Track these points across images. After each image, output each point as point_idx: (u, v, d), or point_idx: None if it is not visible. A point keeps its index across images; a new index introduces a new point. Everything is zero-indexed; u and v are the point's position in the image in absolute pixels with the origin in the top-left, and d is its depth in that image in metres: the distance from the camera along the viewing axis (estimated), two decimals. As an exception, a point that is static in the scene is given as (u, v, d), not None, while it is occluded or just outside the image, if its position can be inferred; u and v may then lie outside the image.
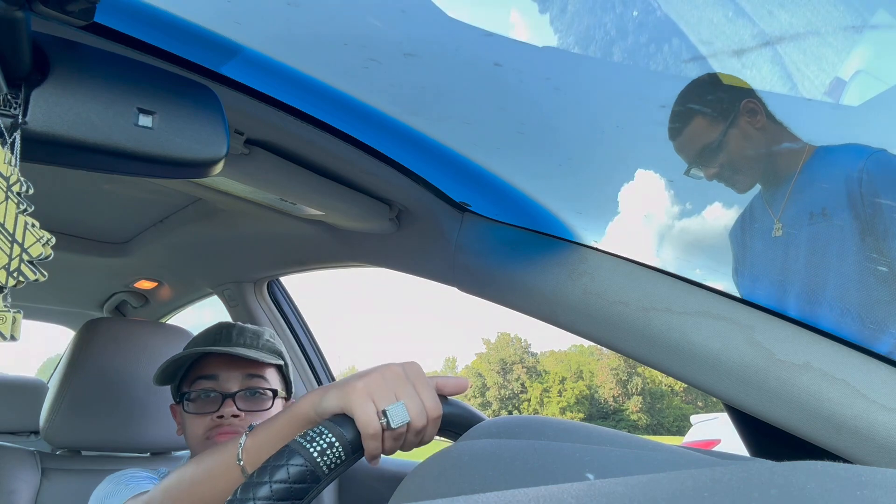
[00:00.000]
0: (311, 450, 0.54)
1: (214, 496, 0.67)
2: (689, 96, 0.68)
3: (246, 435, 0.67)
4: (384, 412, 0.59)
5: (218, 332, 1.10)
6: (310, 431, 0.56)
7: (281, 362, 1.12)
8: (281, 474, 0.52)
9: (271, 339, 1.15)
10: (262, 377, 1.08)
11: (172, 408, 1.14)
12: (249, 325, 1.14)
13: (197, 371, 1.07)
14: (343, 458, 0.56)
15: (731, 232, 0.82)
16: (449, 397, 0.68)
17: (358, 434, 0.59)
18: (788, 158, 0.75)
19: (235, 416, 1.02)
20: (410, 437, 0.63)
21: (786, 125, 0.72)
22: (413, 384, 0.63)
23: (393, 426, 0.59)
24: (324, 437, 0.56)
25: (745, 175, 0.80)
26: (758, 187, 0.80)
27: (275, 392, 1.09)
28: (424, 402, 0.63)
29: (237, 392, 1.04)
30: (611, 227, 0.87)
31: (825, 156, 0.73)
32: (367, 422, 0.58)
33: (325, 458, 0.55)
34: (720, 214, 0.78)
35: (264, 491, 0.51)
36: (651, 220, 0.85)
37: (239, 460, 0.65)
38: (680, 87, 0.68)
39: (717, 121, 0.72)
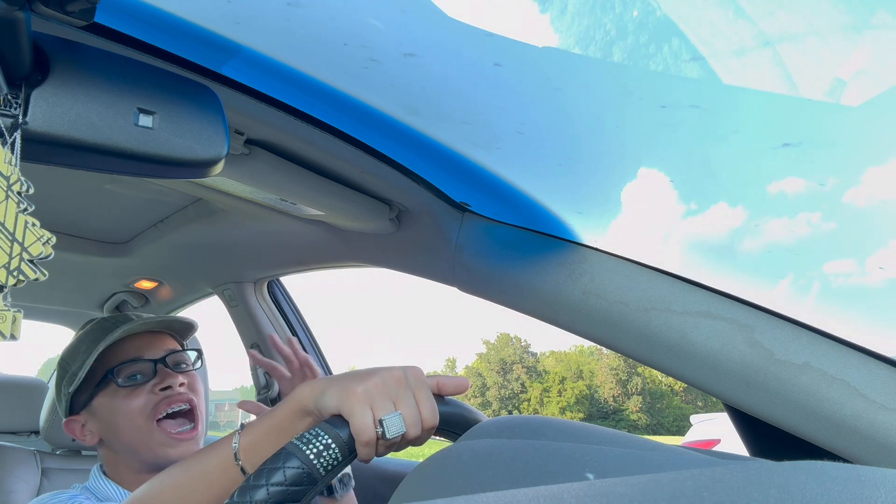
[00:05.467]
0: (308, 452, 0.54)
1: (210, 501, 0.64)
2: None
3: (238, 434, 0.65)
4: (381, 421, 0.59)
5: (115, 322, 1.06)
6: (306, 434, 0.56)
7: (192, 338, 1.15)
8: (277, 477, 0.52)
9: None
10: (179, 349, 1.09)
11: (69, 423, 1.05)
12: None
13: (110, 364, 1.02)
14: (339, 459, 0.56)
15: None
16: (448, 397, 0.68)
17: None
18: None
19: (182, 384, 1.01)
20: (403, 444, 0.63)
21: None
22: (413, 391, 0.63)
23: (388, 437, 0.59)
24: (320, 438, 0.56)
25: None
26: None
27: (199, 352, 1.10)
28: (422, 411, 0.62)
29: (166, 356, 1.03)
30: (611, 227, 0.87)
31: None
32: (363, 429, 0.58)
33: (322, 460, 0.55)
34: (722, 214, 0.78)
35: (261, 494, 0.51)
36: (651, 220, 0.85)
37: (237, 461, 0.64)
38: (680, 87, 0.67)
39: None
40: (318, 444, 0.55)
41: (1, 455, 1.34)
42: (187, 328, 1.13)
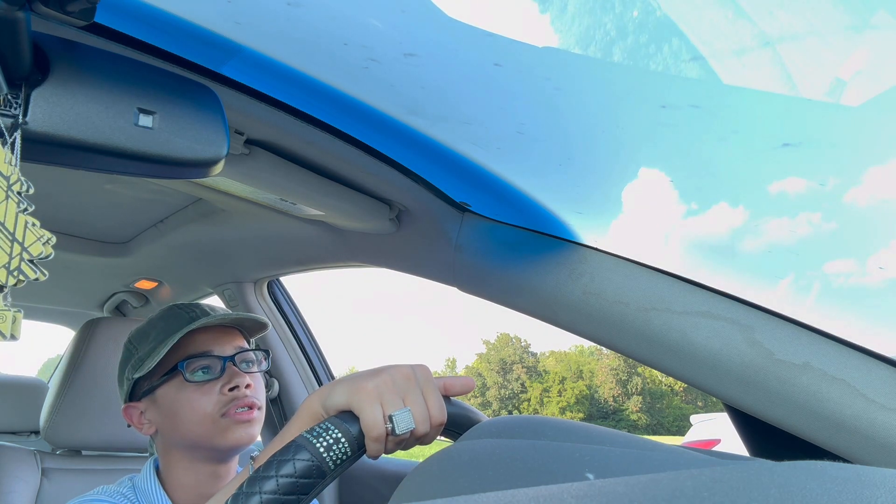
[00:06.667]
0: (318, 445, 0.54)
1: None
2: None
3: (251, 467, 0.65)
4: (390, 417, 0.59)
5: (190, 313, 1.04)
6: (316, 427, 0.56)
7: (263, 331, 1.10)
8: (287, 469, 0.52)
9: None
10: (248, 348, 1.07)
11: (128, 409, 1.04)
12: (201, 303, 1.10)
13: (179, 355, 0.99)
14: (349, 454, 0.56)
15: None
16: (450, 397, 0.69)
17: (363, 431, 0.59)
18: None
19: (248, 385, 0.99)
20: (412, 442, 0.63)
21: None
22: (422, 389, 0.63)
23: (398, 432, 0.59)
24: (330, 432, 0.56)
25: None
26: None
27: (266, 353, 1.07)
28: (430, 409, 0.63)
29: (236, 354, 1.01)
30: (611, 227, 0.87)
31: None
32: (373, 425, 0.58)
33: (331, 454, 0.55)
34: (722, 214, 0.78)
35: (270, 485, 0.51)
36: (651, 220, 0.85)
37: None
38: (680, 87, 0.67)
39: None
40: (328, 437, 0.55)
41: (1, 455, 1.34)
42: (260, 327, 1.10)
